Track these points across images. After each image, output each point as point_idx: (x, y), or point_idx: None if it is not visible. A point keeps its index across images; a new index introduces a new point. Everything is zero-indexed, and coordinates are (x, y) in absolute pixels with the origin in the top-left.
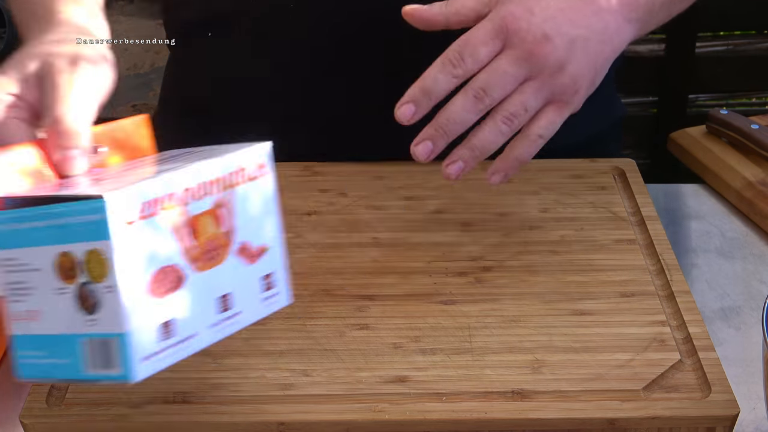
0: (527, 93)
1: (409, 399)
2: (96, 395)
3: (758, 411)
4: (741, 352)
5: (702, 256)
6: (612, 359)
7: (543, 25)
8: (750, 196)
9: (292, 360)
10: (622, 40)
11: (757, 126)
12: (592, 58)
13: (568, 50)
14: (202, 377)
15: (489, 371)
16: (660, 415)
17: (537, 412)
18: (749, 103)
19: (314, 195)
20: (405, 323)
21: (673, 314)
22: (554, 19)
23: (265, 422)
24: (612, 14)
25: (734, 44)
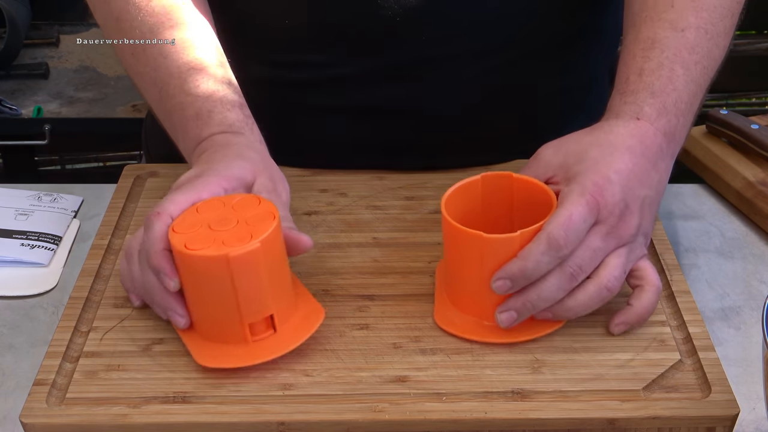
0: (620, 259)
1: (409, 399)
2: (96, 395)
3: (758, 411)
4: (741, 352)
5: (702, 256)
6: (612, 359)
7: (622, 193)
8: (750, 196)
9: (292, 360)
10: (666, 179)
11: (757, 126)
12: (654, 211)
13: (640, 213)
14: (202, 377)
15: (489, 371)
16: (660, 415)
17: (537, 412)
18: (749, 103)
19: (314, 195)
20: (405, 323)
21: (673, 314)
22: (628, 183)
23: (265, 422)
24: (664, 161)
25: (734, 44)
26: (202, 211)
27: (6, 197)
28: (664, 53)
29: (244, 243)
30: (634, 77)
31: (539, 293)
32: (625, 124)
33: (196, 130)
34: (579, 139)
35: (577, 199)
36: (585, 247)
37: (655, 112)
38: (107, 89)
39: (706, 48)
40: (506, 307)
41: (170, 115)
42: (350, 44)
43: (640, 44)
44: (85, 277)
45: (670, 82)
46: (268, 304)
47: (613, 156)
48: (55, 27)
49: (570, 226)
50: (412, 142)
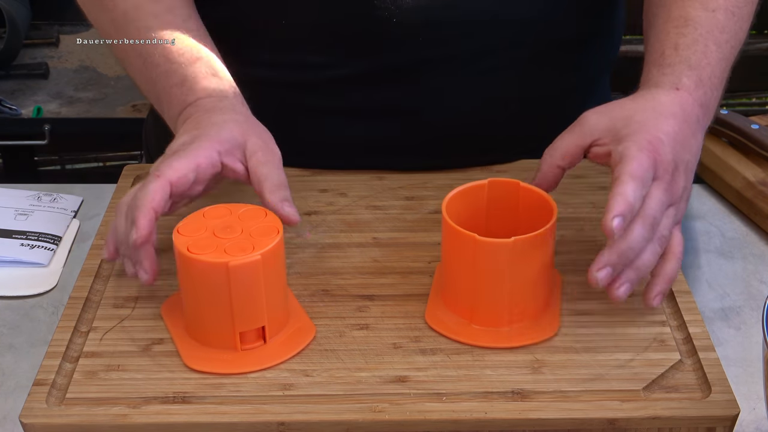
0: (671, 218)
1: (409, 399)
2: (96, 395)
3: (758, 411)
4: (741, 352)
5: (702, 256)
6: (612, 359)
7: (672, 153)
8: (750, 196)
9: (292, 360)
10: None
11: (757, 126)
12: (692, 176)
13: (686, 175)
14: (202, 377)
15: (489, 371)
16: (660, 415)
17: (537, 412)
18: (749, 103)
19: (314, 195)
20: (405, 323)
21: (673, 314)
22: (675, 145)
23: (265, 422)
24: (701, 130)
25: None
26: (208, 216)
27: (6, 197)
28: (697, 30)
29: (245, 253)
30: (669, 51)
31: (629, 244)
32: (666, 93)
33: (182, 96)
34: (623, 105)
35: (637, 153)
36: (654, 198)
37: (693, 83)
38: (107, 89)
39: (734, 29)
40: (602, 264)
41: (154, 84)
42: (348, 45)
43: (672, 22)
44: (85, 277)
45: (704, 56)
46: (261, 316)
47: (659, 120)
48: (55, 27)
49: (643, 170)
50: (411, 142)
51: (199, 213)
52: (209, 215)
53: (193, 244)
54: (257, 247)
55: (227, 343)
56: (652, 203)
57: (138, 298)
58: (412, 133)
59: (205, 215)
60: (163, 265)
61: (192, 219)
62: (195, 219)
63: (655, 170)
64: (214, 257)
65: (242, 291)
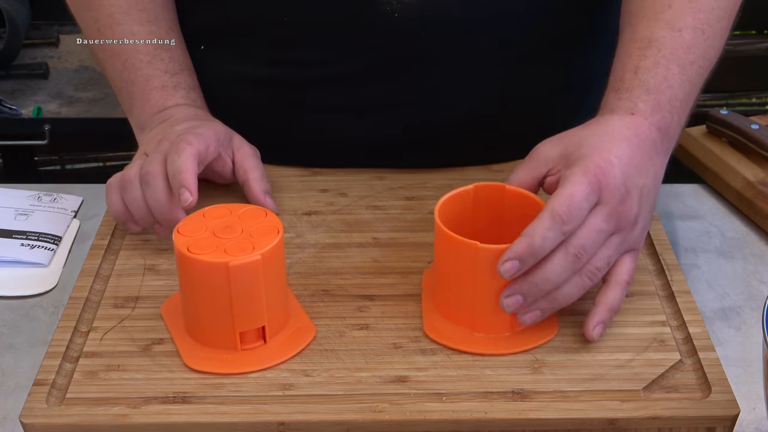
0: (612, 248)
1: (409, 399)
2: (96, 395)
3: (758, 411)
4: (741, 352)
5: (702, 256)
6: (612, 359)
7: (622, 177)
8: (750, 196)
9: (292, 360)
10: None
11: (757, 126)
12: (651, 205)
13: (639, 202)
14: (202, 377)
15: (489, 371)
16: (660, 415)
17: (537, 412)
18: (749, 103)
19: (314, 195)
20: (405, 323)
21: (673, 314)
22: (629, 169)
23: (265, 422)
24: (659, 156)
25: (734, 44)
26: (208, 216)
27: (6, 197)
28: (660, 52)
29: (245, 253)
30: (629, 75)
31: (545, 275)
32: (620, 118)
33: (161, 100)
34: (577, 132)
35: (579, 178)
36: (588, 228)
37: (649, 108)
38: (107, 89)
39: (702, 48)
40: (511, 291)
41: (131, 84)
42: (348, 41)
43: (636, 43)
44: (85, 277)
45: (665, 80)
46: (261, 316)
47: (612, 143)
48: (55, 27)
49: (572, 203)
50: (410, 139)
51: (199, 213)
52: (209, 215)
53: (193, 244)
54: (257, 247)
55: (227, 343)
56: (583, 233)
57: (138, 298)
58: (411, 130)
59: (205, 215)
60: (163, 265)
61: (192, 219)
62: (195, 219)
63: (600, 194)
64: (214, 257)
65: (242, 291)
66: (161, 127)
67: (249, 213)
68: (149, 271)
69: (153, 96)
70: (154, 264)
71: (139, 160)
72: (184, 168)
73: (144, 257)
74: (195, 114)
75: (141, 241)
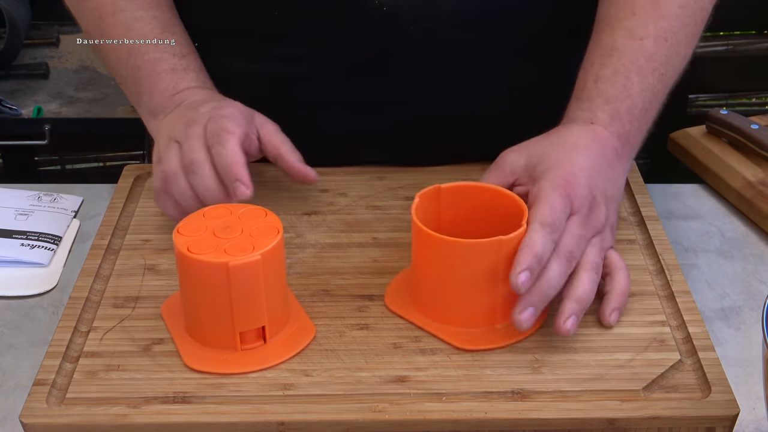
0: (596, 246)
1: (409, 399)
2: (96, 395)
3: (758, 411)
4: (741, 352)
5: (702, 256)
6: (612, 359)
7: (588, 186)
8: (750, 196)
9: (292, 360)
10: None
11: (757, 126)
12: (616, 207)
13: (607, 204)
14: (202, 377)
15: (489, 371)
16: (660, 415)
17: (537, 412)
18: (749, 103)
19: (314, 195)
20: (405, 323)
21: (673, 314)
22: (592, 177)
23: (265, 422)
24: (620, 163)
25: (734, 44)
26: (208, 216)
27: (6, 197)
28: (620, 61)
29: (245, 253)
30: (590, 84)
31: (549, 282)
32: (579, 128)
33: (172, 83)
34: (539, 142)
35: (551, 192)
36: (569, 234)
37: (608, 117)
38: (107, 89)
39: (665, 56)
40: (525, 305)
41: (138, 70)
42: (338, 36)
43: (598, 51)
44: (85, 277)
45: (624, 89)
46: (261, 316)
47: (572, 154)
48: (55, 27)
49: (555, 214)
50: (403, 135)
51: (199, 213)
52: (209, 215)
53: (193, 244)
54: (257, 247)
55: (227, 343)
56: (567, 239)
57: (138, 298)
58: (403, 126)
59: (205, 215)
60: (163, 265)
61: (192, 219)
62: (195, 219)
63: (571, 206)
64: (214, 257)
65: (242, 291)
66: (179, 111)
67: (249, 213)
68: (149, 271)
69: (163, 79)
70: (154, 264)
71: (171, 149)
72: (234, 160)
73: (144, 257)
74: (211, 96)
75: (141, 241)
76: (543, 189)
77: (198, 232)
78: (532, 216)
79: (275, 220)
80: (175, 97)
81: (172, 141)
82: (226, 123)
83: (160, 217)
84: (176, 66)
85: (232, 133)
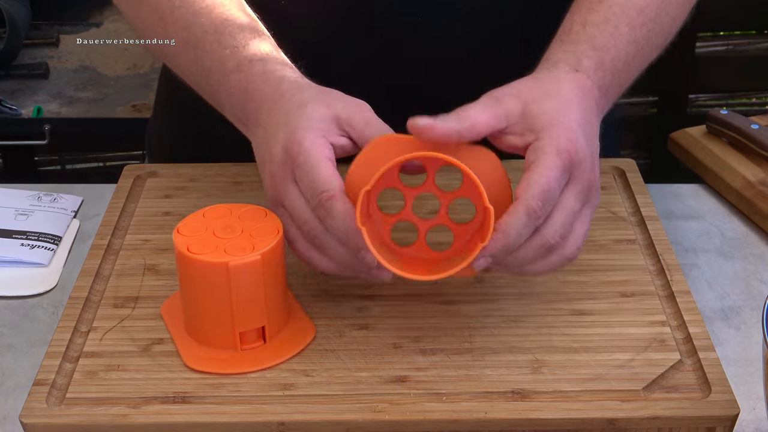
0: (586, 223)
1: (409, 399)
2: (96, 395)
3: (758, 411)
4: (741, 352)
5: (702, 256)
6: (612, 359)
7: (587, 146)
8: (750, 196)
9: (292, 360)
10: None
11: (757, 126)
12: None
13: (596, 165)
14: (202, 377)
15: (489, 371)
16: (660, 415)
17: (537, 412)
18: (749, 103)
19: None
20: (405, 323)
21: (673, 314)
22: (586, 135)
23: (265, 422)
24: (598, 116)
25: (734, 44)
26: (208, 216)
27: (6, 197)
28: (611, 9)
29: (245, 253)
30: (577, 27)
31: (519, 261)
32: (566, 74)
33: (243, 86)
34: (531, 89)
35: (553, 160)
36: (561, 211)
37: (593, 66)
38: (107, 89)
39: (655, 12)
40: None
41: (209, 74)
42: (347, 29)
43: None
44: (85, 277)
45: (612, 38)
46: (261, 316)
47: (569, 109)
48: (55, 27)
49: (547, 194)
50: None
51: (199, 213)
52: (209, 215)
53: (193, 244)
54: (257, 247)
55: (227, 343)
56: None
57: (138, 298)
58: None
59: (205, 215)
60: (163, 265)
61: (192, 219)
62: (195, 219)
63: (571, 172)
64: (214, 257)
65: (242, 291)
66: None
67: (249, 213)
68: (149, 271)
69: (233, 80)
70: (154, 264)
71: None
72: (348, 228)
73: (144, 257)
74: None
75: (141, 241)
76: (544, 153)
77: (198, 232)
78: (526, 184)
79: (275, 220)
80: (247, 108)
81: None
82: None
83: (160, 217)
84: (241, 60)
85: (332, 197)
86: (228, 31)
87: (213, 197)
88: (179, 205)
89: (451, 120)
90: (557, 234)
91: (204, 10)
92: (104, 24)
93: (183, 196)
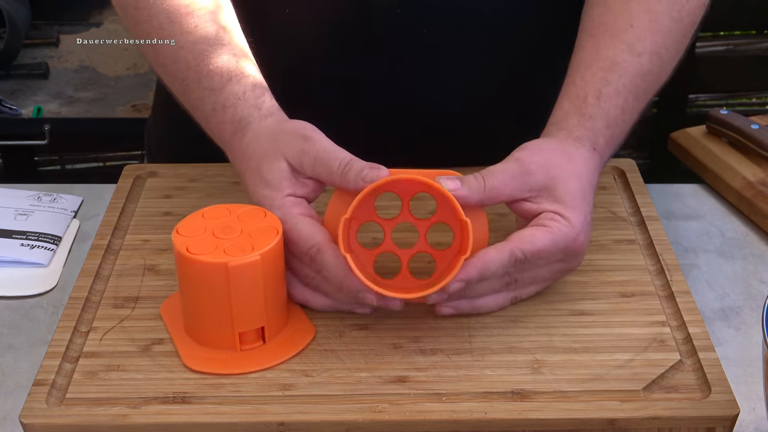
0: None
1: (409, 399)
2: (96, 395)
3: (758, 411)
4: (741, 352)
5: (702, 256)
6: (612, 359)
7: (585, 238)
8: (750, 196)
9: (292, 360)
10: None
11: (757, 126)
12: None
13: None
14: (201, 377)
15: (489, 371)
16: (660, 415)
17: (537, 412)
18: (749, 103)
19: None
20: (405, 323)
21: (673, 314)
22: (590, 225)
23: (265, 422)
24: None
25: (734, 44)
26: (207, 217)
27: (6, 197)
28: (621, 80)
29: (244, 254)
30: (592, 99)
31: (482, 307)
32: (586, 155)
33: (219, 132)
34: (560, 166)
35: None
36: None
37: (605, 143)
38: (107, 89)
39: (657, 74)
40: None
41: (194, 110)
42: (350, 38)
43: (599, 63)
44: (85, 277)
45: (622, 112)
46: (260, 316)
47: (585, 192)
48: (55, 27)
49: (537, 257)
50: (412, 138)
51: (199, 213)
52: (209, 215)
53: (193, 245)
54: (256, 248)
55: (227, 344)
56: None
57: (138, 298)
58: (412, 128)
59: (205, 215)
60: (163, 265)
61: (191, 219)
62: (194, 219)
63: (564, 257)
64: (214, 257)
65: (241, 291)
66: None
67: (248, 213)
68: (149, 271)
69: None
70: (154, 264)
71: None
72: (340, 274)
73: (144, 257)
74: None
75: (141, 241)
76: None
77: (197, 232)
78: (527, 238)
79: (275, 221)
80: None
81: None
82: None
83: (160, 217)
84: (216, 104)
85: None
86: (206, 70)
87: (213, 197)
88: (179, 205)
89: (475, 187)
90: (524, 294)
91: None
92: (104, 24)
93: (183, 196)
